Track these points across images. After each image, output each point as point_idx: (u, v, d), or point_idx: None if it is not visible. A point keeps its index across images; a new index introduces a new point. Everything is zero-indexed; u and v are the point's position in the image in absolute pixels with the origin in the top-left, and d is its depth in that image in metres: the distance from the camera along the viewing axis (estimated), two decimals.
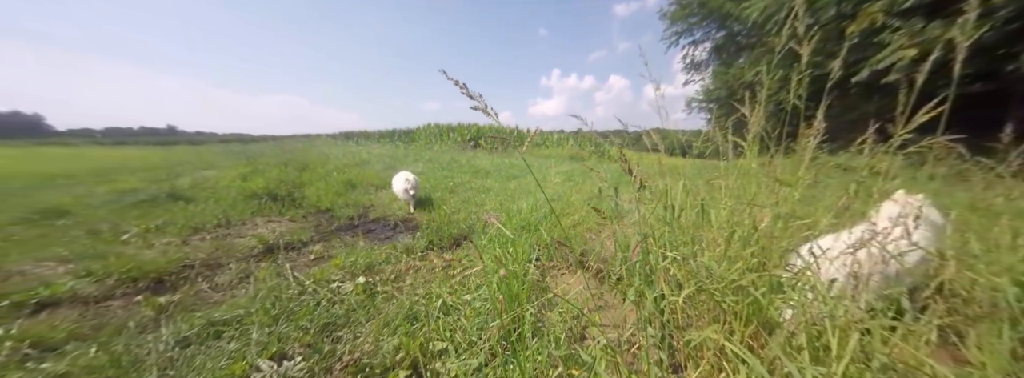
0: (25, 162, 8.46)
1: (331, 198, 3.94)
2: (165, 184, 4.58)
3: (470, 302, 1.58)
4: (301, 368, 1.17)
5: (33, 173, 5.99)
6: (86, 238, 2.49)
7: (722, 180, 1.52)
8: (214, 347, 1.28)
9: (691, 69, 17.71)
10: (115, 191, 4.21)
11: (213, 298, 1.73)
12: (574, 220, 2.91)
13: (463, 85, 0.92)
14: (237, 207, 3.46)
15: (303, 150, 11.70)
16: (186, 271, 2.02)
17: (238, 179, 5.01)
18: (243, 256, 2.28)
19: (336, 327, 1.44)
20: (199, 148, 18.22)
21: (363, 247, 2.38)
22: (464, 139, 15.20)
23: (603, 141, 2.43)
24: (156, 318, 1.51)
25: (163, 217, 3.02)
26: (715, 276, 1.11)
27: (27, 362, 1.19)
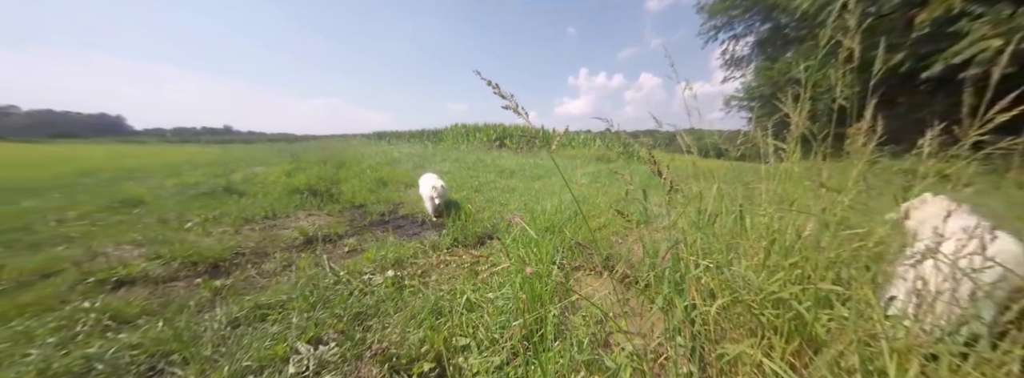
0: (110, 158, 9.70)
1: (364, 194, 4.15)
2: (222, 179, 5.05)
3: (493, 300, 1.60)
4: (335, 353, 1.25)
5: (116, 167, 6.86)
6: (156, 225, 2.81)
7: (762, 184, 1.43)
8: (260, 329, 1.39)
9: (731, 65, 16.60)
10: (181, 184, 4.72)
11: (260, 283, 1.89)
12: (600, 223, 2.86)
13: (496, 85, 0.94)
14: (282, 201, 3.74)
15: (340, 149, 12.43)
16: (238, 258, 2.23)
17: (283, 175, 5.42)
18: (286, 246, 2.47)
19: (367, 317, 1.52)
20: (250, 146, 19.90)
21: (393, 242, 2.49)
22: (490, 139, 15.38)
23: (632, 142, 2.32)
24: (212, 299, 1.67)
25: (220, 208, 3.33)
26: (753, 287, 1.05)
27: (107, 332, 1.37)
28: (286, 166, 6.71)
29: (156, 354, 1.22)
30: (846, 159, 1.17)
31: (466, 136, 16.85)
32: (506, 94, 0.93)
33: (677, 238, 1.15)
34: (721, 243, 1.23)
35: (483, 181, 5.31)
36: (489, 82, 0.93)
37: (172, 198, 3.85)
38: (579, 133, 16.11)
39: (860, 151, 1.08)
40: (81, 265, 1.99)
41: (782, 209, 1.22)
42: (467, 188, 4.67)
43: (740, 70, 16.41)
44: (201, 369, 1.14)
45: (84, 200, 3.60)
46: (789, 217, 1.15)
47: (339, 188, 4.57)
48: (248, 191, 4.25)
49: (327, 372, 1.17)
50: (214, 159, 9.32)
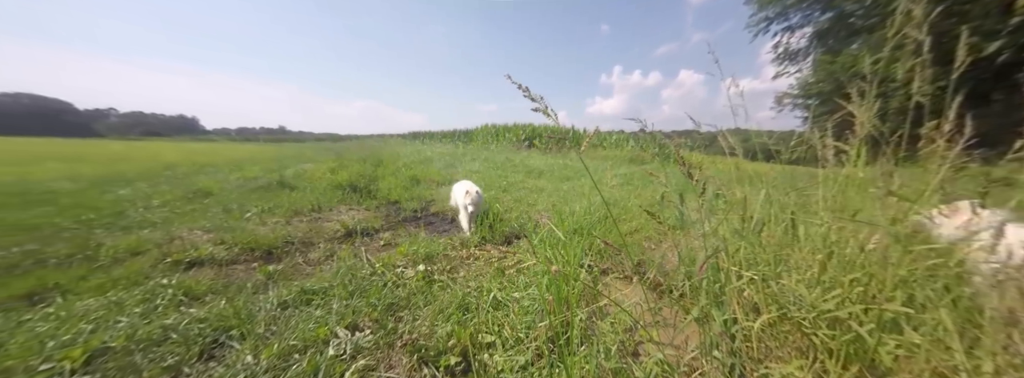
0: (186, 154, 11.03)
1: (399, 192, 4.35)
2: (276, 174, 5.54)
3: (519, 300, 1.61)
4: (369, 340, 1.32)
5: (191, 162, 7.78)
6: (222, 214, 3.15)
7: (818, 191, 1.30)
8: (304, 312, 1.52)
9: (784, 60, 15.17)
10: (242, 178, 5.25)
11: (306, 270, 2.05)
12: (631, 227, 2.76)
13: (526, 88, 0.95)
14: (326, 195, 4.03)
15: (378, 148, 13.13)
16: (288, 246, 2.44)
17: (328, 172, 5.84)
18: (329, 237, 2.66)
19: (399, 308, 1.60)
20: (301, 145, 21.66)
21: (424, 238, 2.59)
22: (519, 139, 15.42)
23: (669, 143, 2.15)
24: (265, 283, 1.85)
25: (274, 201, 3.67)
26: (805, 303, 0.96)
27: (181, 306, 1.57)
28: (331, 163, 7.21)
29: (219, 328, 1.37)
30: (922, 164, 1.03)
31: (496, 136, 17.04)
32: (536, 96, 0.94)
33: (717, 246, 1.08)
34: (768, 254, 1.14)
35: (511, 181, 5.34)
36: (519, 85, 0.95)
37: (235, 190, 4.29)
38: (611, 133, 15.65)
39: (941, 155, 0.95)
40: (161, 247, 2.29)
41: (842, 219, 1.10)
42: (495, 188, 4.72)
43: (795, 65, 14.95)
44: (255, 345, 1.27)
45: (165, 190, 4.13)
46: (851, 228, 1.03)
47: (376, 185, 4.83)
48: (298, 186, 4.64)
49: (362, 357, 1.24)
50: (270, 156, 10.27)
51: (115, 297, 1.60)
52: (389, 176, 5.51)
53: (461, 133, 21.51)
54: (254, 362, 1.18)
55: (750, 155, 1.41)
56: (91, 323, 1.38)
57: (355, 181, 4.97)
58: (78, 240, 2.37)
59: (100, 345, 1.24)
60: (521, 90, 0.91)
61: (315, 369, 1.16)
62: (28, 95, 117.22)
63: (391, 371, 1.21)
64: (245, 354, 1.22)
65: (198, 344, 1.28)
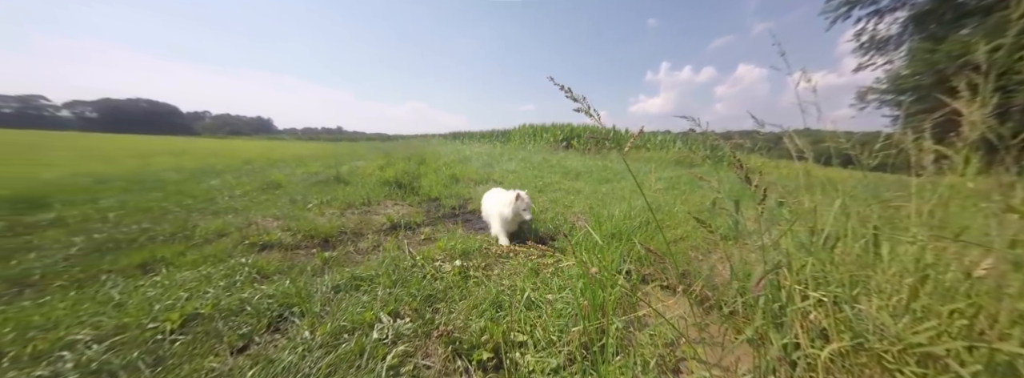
0: (262, 151, 12.56)
1: (439, 189, 4.55)
2: (333, 170, 6.09)
3: (552, 302, 1.60)
4: (409, 328, 1.40)
5: (265, 158, 8.86)
6: (289, 204, 3.54)
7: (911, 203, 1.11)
8: (353, 296, 1.65)
9: (869, 49, 12.92)
10: (306, 173, 5.85)
11: (356, 259, 2.23)
12: (676, 234, 2.60)
13: (568, 89, 0.94)
14: (375, 191, 4.35)
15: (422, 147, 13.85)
16: (341, 236, 2.67)
17: (377, 169, 6.29)
18: (376, 229, 2.86)
19: (436, 300, 1.67)
20: (354, 144, 23.56)
21: (461, 234, 2.67)
22: (556, 140, 15.23)
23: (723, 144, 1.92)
24: (322, 267, 2.04)
25: (330, 194, 4.04)
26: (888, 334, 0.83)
27: (255, 283, 1.79)
28: (379, 161, 7.76)
29: (283, 304, 1.55)
30: None
31: (533, 136, 17.02)
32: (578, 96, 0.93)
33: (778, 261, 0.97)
34: (842, 273, 1.00)
35: (547, 182, 5.31)
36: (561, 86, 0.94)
37: (300, 183, 4.80)
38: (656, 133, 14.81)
39: None
40: (241, 230, 2.64)
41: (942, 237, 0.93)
42: (530, 187, 4.73)
43: (883, 54, 12.70)
44: (312, 322, 1.41)
45: (245, 182, 4.75)
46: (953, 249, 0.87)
47: (419, 182, 5.09)
48: (351, 181, 5.05)
49: (402, 343, 1.32)
50: (328, 153, 11.32)
51: (205, 271, 1.88)
52: (431, 174, 5.78)
53: (499, 133, 21.83)
54: (310, 337, 1.31)
55: (822, 159, 1.24)
56: (186, 292, 1.64)
57: (400, 178, 5.29)
58: (179, 221, 2.82)
59: (193, 311, 1.46)
60: (563, 91, 0.91)
61: (361, 349, 1.25)
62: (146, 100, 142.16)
63: (427, 359, 1.27)
64: (303, 330, 1.36)
65: (267, 317, 1.46)
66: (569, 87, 0.87)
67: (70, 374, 1.08)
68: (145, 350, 1.22)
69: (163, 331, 1.33)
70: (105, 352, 1.19)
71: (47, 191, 3.62)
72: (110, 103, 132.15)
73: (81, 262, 2.00)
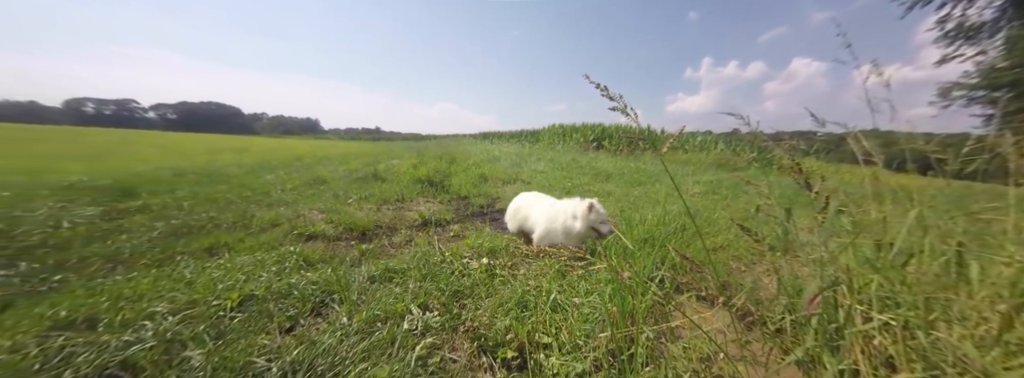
0: (310, 149, 13.60)
1: (468, 188, 4.64)
2: (371, 167, 6.45)
3: (579, 306, 1.57)
4: (437, 321, 1.45)
5: (313, 156, 9.59)
6: (332, 199, 3.81)
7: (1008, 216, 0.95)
8: (387, 287, 1.74)
9: (956, 38, 11.06)
10: (347, 170, 6.25)
11: (390, 252, 2.35)
12: (716, 242, 2.44)
13: (604, 87, 0.92)
14: (408, 188, 4.54)
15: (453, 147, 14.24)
16: (377, 230, 2.82)
17: (410, 168, 6.56)
18: (409, 225, 2.98)
19: (463, 296, 1.71)
20: (391, 143, 24.80)
21: (489, 233, 2.71)
22: (587, 140, 14.90)
23: (772, 145, 1.51)
24: (359, 258, 2.17)
25: (368, 190, 4.28)
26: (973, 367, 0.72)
27: (301, 269, 1.94)
28: (413, 160, 8.09)
29: (325, 291, 1.67)
30: None
31: (562, 137, 16.79)
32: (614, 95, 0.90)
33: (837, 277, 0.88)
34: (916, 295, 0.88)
35: (576, 183, 5.21)
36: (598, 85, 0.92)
37: (342, 180, 5.14)
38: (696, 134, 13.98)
39: None
40: (291, 221, 2.88)
41: None
42: (558, 189, 4.67)
43: (974, 44, 10.82)
44: (350, 309, 1.50)
45: (295, 177, 5.17)
46: None
47: (449, 181, 5.23)
48: (387, 178, 5.32)
49: (430, 335, 1.37)
50: (367, 152, 12.01)
51: (260, 257, 2.07)
52: (460, 173, 5.92)
53: (528, 133, 21.82)
54: (348, 323, 1.40)
55: (894, 163, 1.09)
56: (244, 275, 1.82)
57: (432, 176, 5.48)
58: (240, 211, 3.13)
59: (249, 292, 1.62)
60: (599, 89, 0.89)
61: (393, 338, 1.31)
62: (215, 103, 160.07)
63: (453, 353, 1.30)
64: (342, 316, 1.45)
65: (311, 302, 1.58)
66: (605, 85, 0.85)
67: (150, 341, 1.24)
68: (210, 324, 1.37)
69: (224, 308, 1.49)
70: (178, 323, 1.36)
71: (136, 182, 4.19)
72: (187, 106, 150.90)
73: (161, 244, 2.30)
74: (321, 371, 1.14)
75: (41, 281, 1.73)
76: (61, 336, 1.25)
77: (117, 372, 1.12)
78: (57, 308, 1.42)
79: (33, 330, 1.28)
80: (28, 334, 1.26)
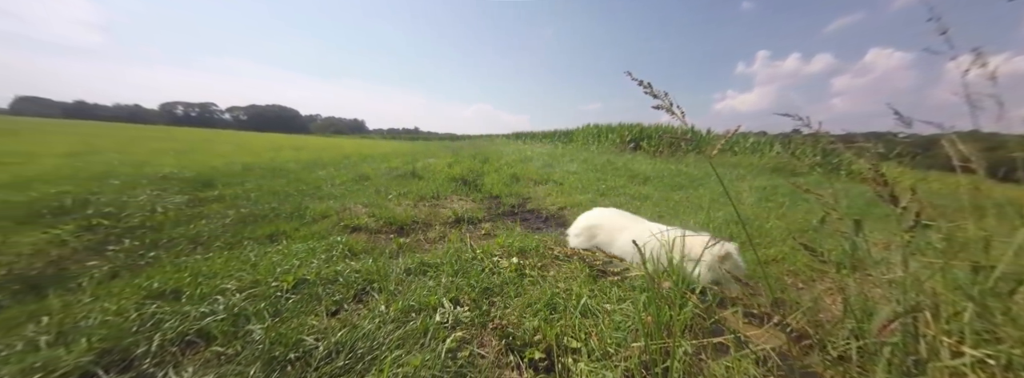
0: (356, 148, 14.62)
1: (500, 187, 4.69)
2: (409, 166, 6.78)
3: (610, 313, 1.52)
4: (467, 316, 1.49)
5: (359, 154, 10.29)
6: (374, 194, 4.06)
7: None
8: (421, 280, 1.81)
9: None
10: (388, 167, 6.62)
11: (425, 247, 2.45)
12: (769, 254, 2.23)
13: (647, 84, 0.89)
14: (443, 186, 4.71)
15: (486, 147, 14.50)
16: (414, 225, 2.96)
17: (446, 166, 6.79)
18: (443, 221, 3.09)
19: (492, 293, 1.73)
20: (429, 143, 25.87)
21: (519, 233, 2.72)
22: (623, 141, 14.31)
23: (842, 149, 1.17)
24: (397, 251, 2.29)
25: (407, 187, 4.50)
26: None
27: (346, 258, 2.10)
28: (448, 159, 8.36)
29: (366, 280, 1.79)
30: None
31: (597, 137, 16.32)
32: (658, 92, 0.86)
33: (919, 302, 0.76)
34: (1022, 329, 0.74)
35: (611, 185, 5.04)
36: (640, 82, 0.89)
37: (383, 176, 5.47)
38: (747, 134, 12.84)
39: None
40: (338, 214, 3.12)
41: None
42: (592, 191, 4.56)
43: None
44: (387, 298, 1.60)
45: (343, 174, 5.59)
46: None
47: (482, 180, 5.34)
48: (424, 176, 5.56)
49: (460, 329, 1.41)
50: (407, 151, 12.64)
51: (311, 245, 2.27)
52: (493, 173, 6.01)
53: (561, 133, 21.54)
54: (385, 312, 1.48)
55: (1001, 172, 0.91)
56: (298, 260, 2.00)
57: (466, 175, 5.62)
58: (295, 203, 3.45)
59: (301, 276, 1.78)
60: (642, 86, 0.86)
61: (425, 329, 1.37)
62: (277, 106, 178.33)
63: (482, 349, 1.32)
64: (380, 304, 1.54)
65: (354, 289, 1.69)
66: (648, 82, 0.82)
67: (221, 314, 1.41)
68: (269, 302, 1.53)
69: (281, 289, 1.65)
70: (243, 300, 1.54)
71: (214, 174, 4.79)
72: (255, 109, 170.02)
73: (231, 230, 2.61)
74: (361, 354, 1.23)
75: (140, 257, 2.05)
76: (153, 304, 1.47)
77: (194, 339, 1.30)
78: (151, 280, 1.67)
79: (133, 297, 1.52)
80: (129, 300, 1.49)
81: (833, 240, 1.87)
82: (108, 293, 1.56)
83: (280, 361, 1.18)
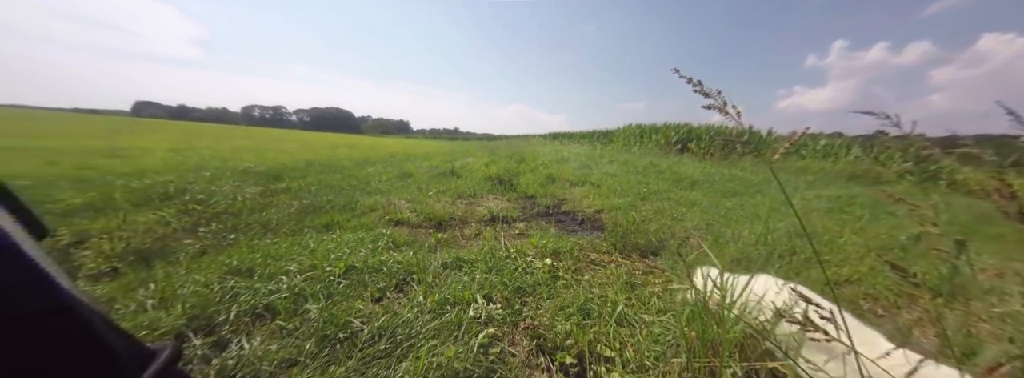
0: (402, 147, 15.51)
1: (535, 187, 4.69)
2: (449, 165, 7.04)
3: (649, 324, 1.44)
4: (499, 313, 1.51)
5: (403, 153, 10.92)
6: (416, 191, 4.29)
7: None
8: (456, 275, 1.88)
9: None
10: (429, 166, 6.94)
11: (461, 243, 2.53)
12: (841, 274, 1.96)
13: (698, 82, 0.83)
14: (480, 185, 4.82)
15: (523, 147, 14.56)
16: (451, 221, 3.07)
17: (483, 166, 6.94)
18: (478, 219, 3.17)
19: (525, 293, 1.74)
20: (467, 142, 26.64)
21: (554, 234, 2.69)
22: (668, 142, 13.45)
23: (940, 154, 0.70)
24: (435, 245, 2.40)
25: (446, 185, 4.69)
26: None
27: (389, 250, 2.24)
28: (485, 159, 8.53)
29: (407, 271, 1.89)
30: None
31: (640, 138, 15.56)
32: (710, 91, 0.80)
33: None
34: None
35: (653, 189, 4.78)
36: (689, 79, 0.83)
37: (425, 174, 5.74)
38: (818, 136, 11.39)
39: None
40: (384, 208, 3.34)
41: None
42: (632, 194, 4.36)
43: None
44: (425, 289, 1.68)
45: (389, 170, 5.97)
46: None
47: (517, 180, 5.37)
48: (462, 174, 5.74)
49: (492, 325, 1.43)
50: (446, 151, 13.14)
51: (360, 236, 2.46)
52: (528, 173, 6.01)
53: (600, 133, 20.88)
54: (423, 302, 1.56)
55: None
56: (348, 249, 2.18)
57: (502, 175, 5.70)
58: (348, 196, 3.76)
59: (351, 264, 1.94)
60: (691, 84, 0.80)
61: (459, 322, 1.42)
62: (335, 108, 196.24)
63: (513, 347, 1.34)
64: (418, 295, 1.63)
65: (395, 278, 1.81)
66: (698, 80, 0.76)
67: (284, 292, 1.59)
68: (323, 285, 1.69)
69: (334, 274, 1.81)
70: (303, 281, 1.71)
71: (282, 169, 5.39)
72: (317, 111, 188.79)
73: (295, 218, 2.91)
74: (400, 340, 1.30)
75: (223, 238, 2.37)
76: (232, 279, 1.69)
77: (263, 312, 1.47)
78: (231, 259, 1.93)
79: (216, 272, 1.77)
80: (214, 275, 1.74)
81: (926, 261, 1.59)
82: (198, 267, 1.83)
83: (331, 339, 1.30)
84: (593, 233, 2.95)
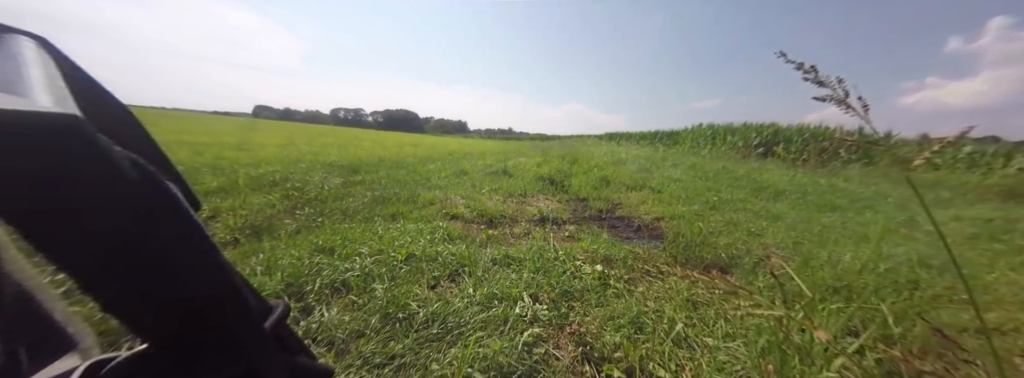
0: (459, 146, 16.35)
1: (588, 190, 4.55)
2: (501, 164, 7.22)
3: (713, 349, 1.31)
4: (545, 314, 1.51)
5: (461, 152, 11.51)
6: (470, 188, 4.49)
7: None
8: (505, 271, 1.93)
9: None
10: (483, 165, 7.21)
11: (510, 241, 2.59)
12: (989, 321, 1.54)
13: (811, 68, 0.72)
14: (531, 185, 4.85)
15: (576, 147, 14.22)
16: (502, 219, 3.15)
17: (534, 166, 6.97)
18: (528, 219, 3.20)
19: (572, 298, 1.71)
20: (520, 142, 26.97)
21: (606, 239, 2.59)
22: (747, 144, 11.80)
23: None
24: (486, 241, 2.49)
25: (498, 183, 4.82)
26: None
27: (445, 242, 2.39)
28: (537, 159, 8.54)
29: (459, 263, 2.00)
30: None
31: (711, 139, 13.99)
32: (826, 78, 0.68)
33: None
34: None
35: (725, 198, 4.28)
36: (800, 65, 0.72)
37: (479, 172, 5.98)
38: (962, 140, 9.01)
39: None
40: (441, 202, 3.57)
41: None
42: (698, 202, 3.96)
43: None
44: (475, 282, 1.76)
45: (447, 168, 6.35)
46: None
47: (569, 181, 5.26)
48: (514, 174, 5.84)
49: (537, 326, 1.44)
50: (500, 150, 13.48)
51: (420, 227, 2.67)
52: (581, 174, 5.85)
53: (664, 134, 19.29)
54: (473, 294, 1.63)
55: None
56: (410, 238, 2.38)
57: (553, 175, 5.65)
58: (411, 190, 4.10)
59: (411, 251, 2.12)
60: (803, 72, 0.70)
61: (506, 317, 1.46)
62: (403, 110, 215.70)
63: (557, 350, 1.33)
64: (469, 287, 1.71)
65: (449, 269, 1.92)
66: (811, 65, 0.65)
67: (357, 271, 1.80)
68: (388, 269, 1.88)
69: (396, 259, 2.00)
70: (372, 263, 1.92)
71: (359, 164, 6.09)
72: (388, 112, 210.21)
73: (368, 207, 3.27)
74: (450, 327, 1.39)
75: (312, 221, 2.78)
76: (318, 256, 1.97)
77: (339, 287, 1.69)
78: (318, 238, 2.25)
79: (306, 249, 2.08)
80: (304, 251, 2.04)
81: None
82: (294, 244, 2.18)
83: (392, 318, 1.44)
84: (650, 242, 2.76)
